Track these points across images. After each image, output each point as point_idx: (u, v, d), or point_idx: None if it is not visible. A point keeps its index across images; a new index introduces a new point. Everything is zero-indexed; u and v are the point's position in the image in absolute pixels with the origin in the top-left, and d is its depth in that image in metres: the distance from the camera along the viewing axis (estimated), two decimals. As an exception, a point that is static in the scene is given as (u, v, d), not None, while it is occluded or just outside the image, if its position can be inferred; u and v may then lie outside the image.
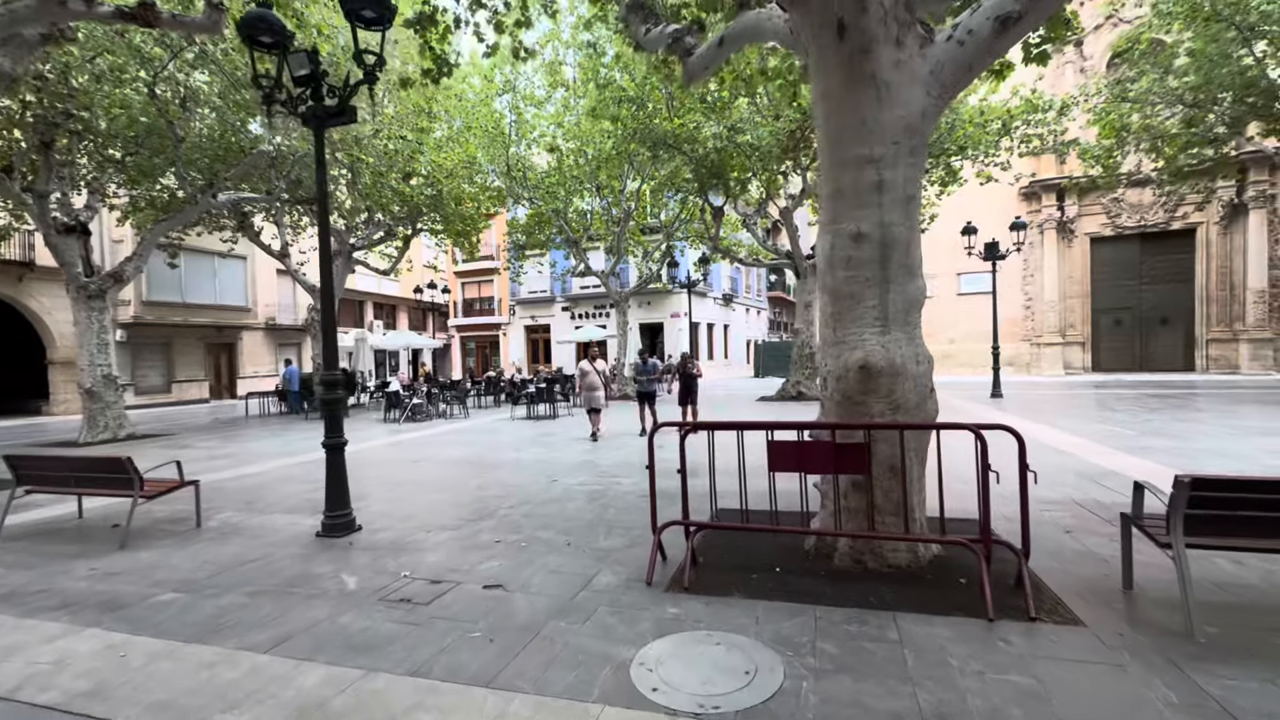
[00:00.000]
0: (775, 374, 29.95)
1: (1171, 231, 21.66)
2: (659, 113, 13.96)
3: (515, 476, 7.61)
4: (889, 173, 3.48)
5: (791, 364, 17.89)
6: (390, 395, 15.02)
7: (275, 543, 5.07)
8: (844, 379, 3.76)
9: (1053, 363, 22.58)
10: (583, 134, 17.09)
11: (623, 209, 19.27)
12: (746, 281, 37.70)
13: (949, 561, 4.00)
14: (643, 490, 6.59)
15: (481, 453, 9.66)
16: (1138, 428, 10.13)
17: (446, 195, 18.46)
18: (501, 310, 32.52)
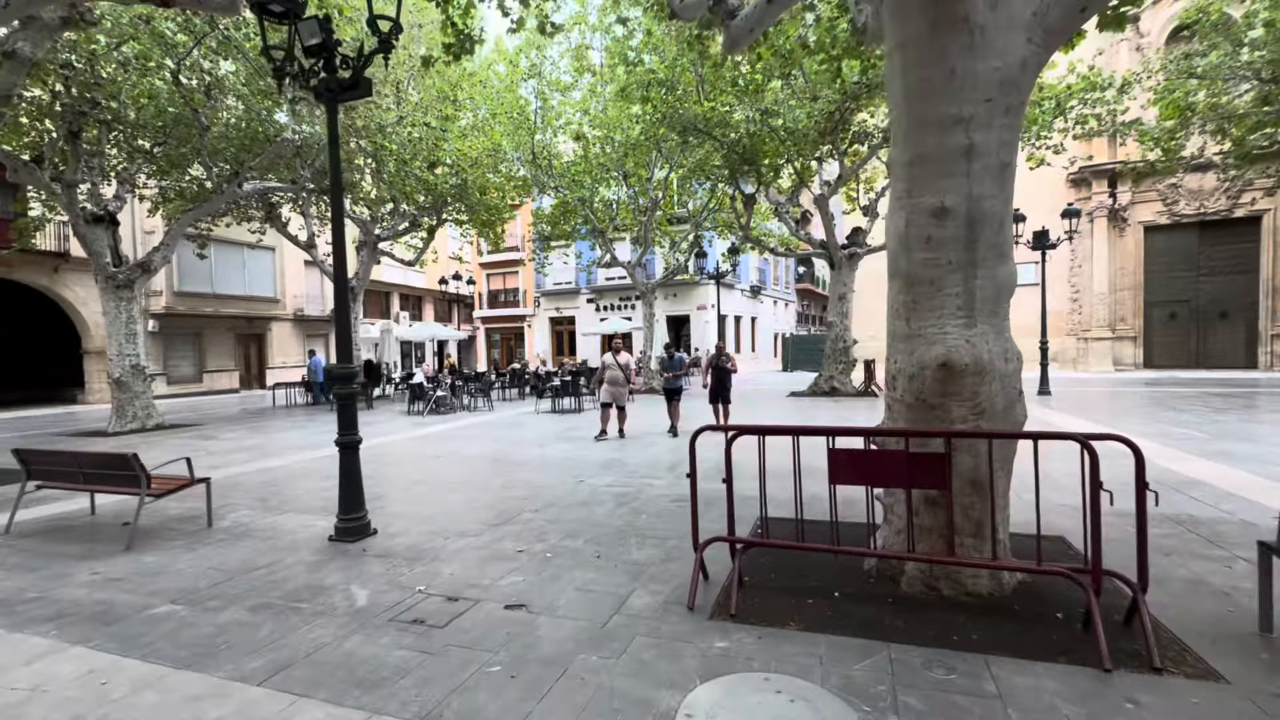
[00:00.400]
0: (805, 368, 29.20)
1: (1234, 219, 20.32)
2: (689, 96, 13.39)
3: (540, 475, 7.22)
4: (980, 135, 2.95)
5: (824, 358, 17.24)
6: (414, 387, 14.81)
7: (285, 547, 4.75)
8: (919, 379, 3.24)
9: (1101, 358, 21.46)
10: (610, 120, 16.60)
11: (650, 198, 18.76)
12: (775, 273, 36.88)
13: (1037, 590, 3.47)
14: (675, 494, 6.14)
15: (505, 448, 9.31)
16: (1208, 430, 9.34)
17: (471, 184, 18.17)
18: (526, 302, 32.30)
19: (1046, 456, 3.51)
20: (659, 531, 4.95)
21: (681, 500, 5.87)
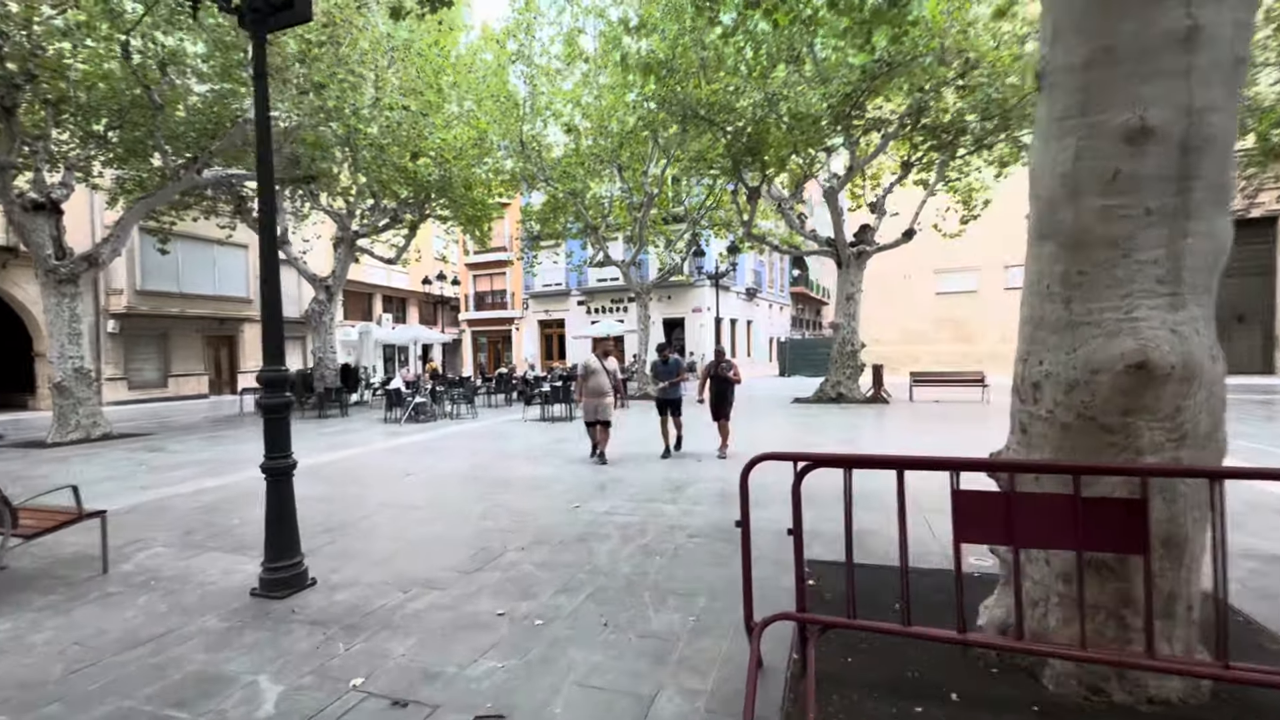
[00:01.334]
0: (802, 372, 28.30)
1: (1250, 220, 19.63)
2: (691, 78, 12.37)
3: (528, 499, 6.11)
4: (1209, 12, 1.92)
5: (830, 362, 16.25)
6: (391, 393, 13.63)
7: (192, 605, 3.62)
8: (1087, 387, 2.20)
9: (1112, 363, 20.70)
10: (604, 109, 15.56)
11: (645, 193, 17.72)
12: (770, 276, 36.01)
13: (1246, 698, 2.42)
14: (692, 525, 5.06)
15: (488, 463, 8.19)
16: (1271, 440, 8.43)
17: (456, 177, 17.07)
18: (514, 304, 31.13)
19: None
20: (681, 582, 3.86)
21: (701, 536, 4.80)
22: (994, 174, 15.11)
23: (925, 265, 23.44)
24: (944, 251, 21.13)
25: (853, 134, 13.21)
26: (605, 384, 7.92)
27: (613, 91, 15.28)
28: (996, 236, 20.31)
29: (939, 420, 11.83)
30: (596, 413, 7.93)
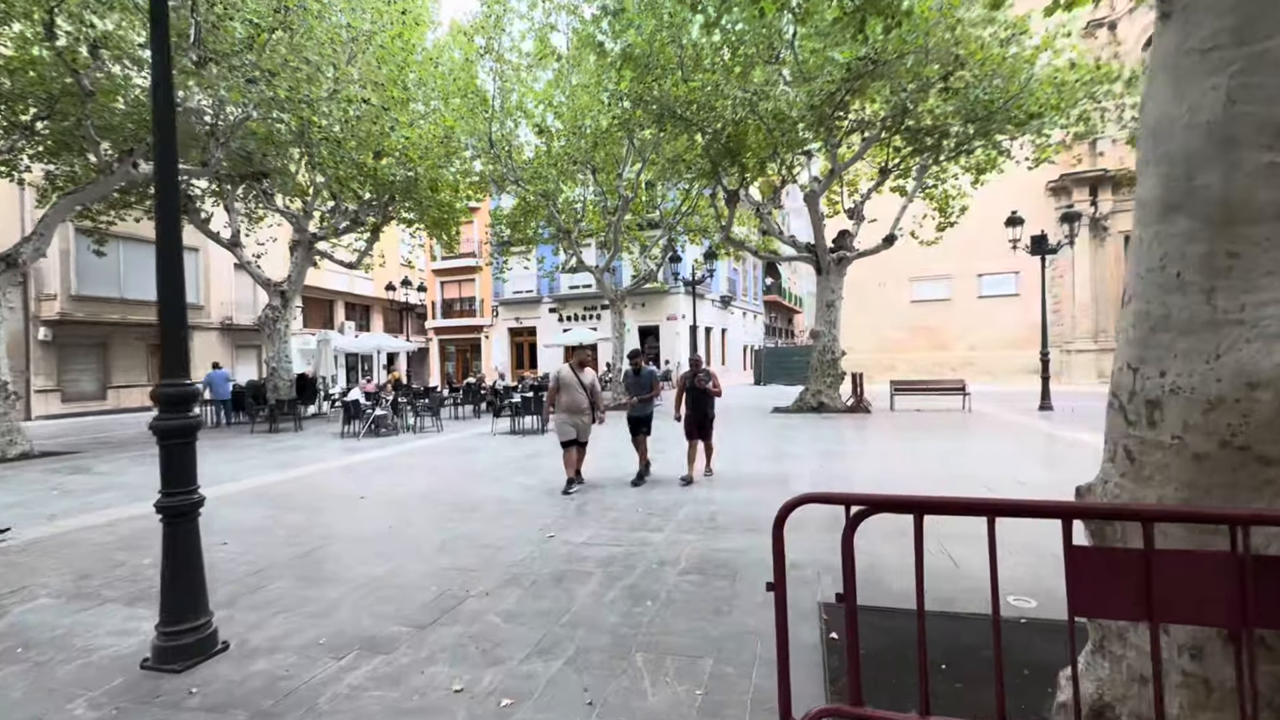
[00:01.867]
0: (778, 381, 28.01)
1: (1213, 230, 20.07)
2: (670, 75, 11.88)
3: (494, 527, 5.41)
4: None
5: (810, 370, 15.87)
6: (349, 405, 12.70)
7: (61, 686, 2.84)
8: (1244, 406, 1.66)
9: (1085, 370, 20.85)
10: (577, 108, 14.97)
11: (620, 197, 17.17)
12: (743, 284, 35.80)
13: None
14: (684, 561, 4.43)
15: (452, 484, 7.44)
16: None
17: (421, 178, 16.28)
18: (483, 311, 30.20)
19: None
20: (679, 637, 3.23)
21: (695, 572, 4.17)
22: (970, 181, 14.99)
23: (900, 273, 23.40)
24: (918, 259, 21.08)
25: (835, 135, 12.87)
26: (582, 400, 6.71)
27: (586, 90, 14.71)
28: (969, 245, 20.31)
29: (925, 430, 11.48)
30: (575, 432, 6.72)
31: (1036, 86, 10.76)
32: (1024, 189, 19.58)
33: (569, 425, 6.70)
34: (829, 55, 10.62)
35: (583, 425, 6.76)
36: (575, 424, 6.72)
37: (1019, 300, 22.61)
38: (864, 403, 15.07)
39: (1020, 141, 13.02)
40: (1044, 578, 3.84)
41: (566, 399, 6.71)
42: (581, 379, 6.76)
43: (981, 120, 11.21)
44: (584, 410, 6.75)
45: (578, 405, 6.72)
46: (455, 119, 14.87)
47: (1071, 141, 13.23)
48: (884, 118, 11.96)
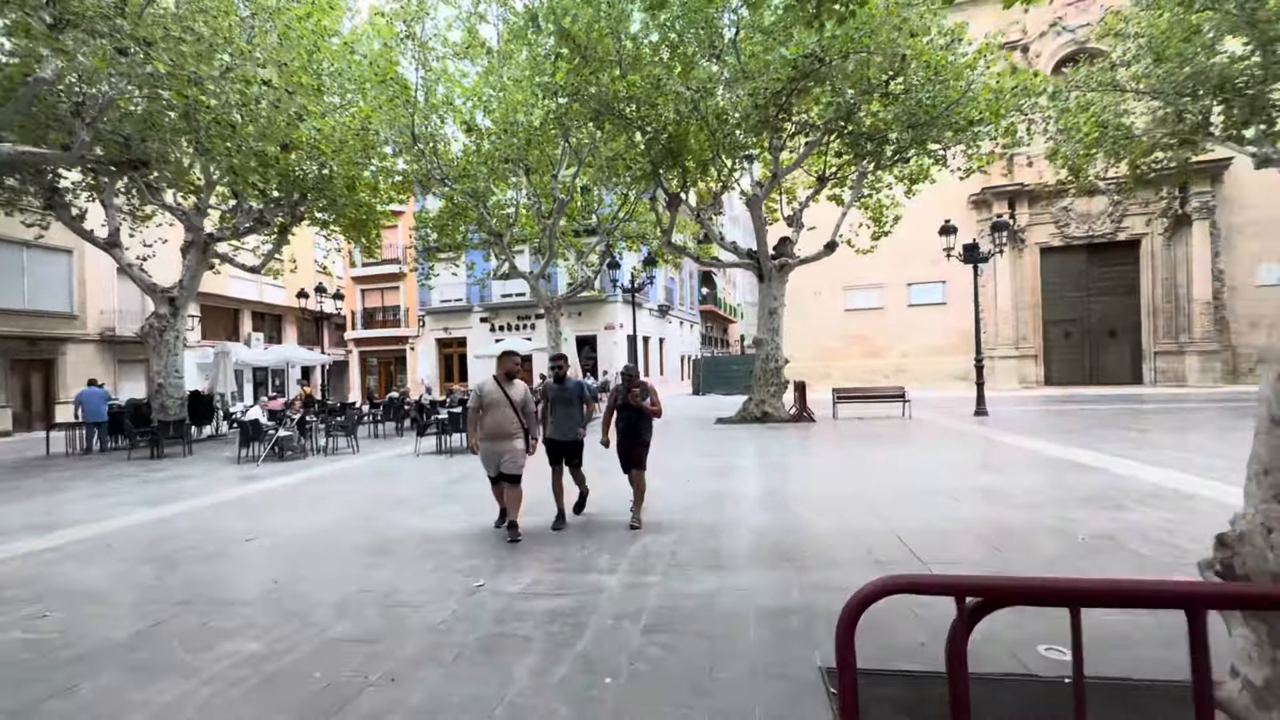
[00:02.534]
0: (717, 390, 27.77)
1: (1117, 243, 21.42)
2: (609, 68, 11.21)
3: (411, 575, 4.44)
4: None
5: (754, 380, 15.50)
6: (246, 426, 11.17)
7: None
8: None
9: (1008, 376, 21.67)
10: (509, 103, 14.05)
11: (555, 200, 16.33)
12: (680, 294, 35.60)
13: None
14: (650, 610, 3.65)
15: (363, 518, 6.35)
16: (1200, 450, 8.33)
17: (336, 175, 14.88)
18: (409, 321, 28.43)
19: None
20: (653, 737, 2.44)
21: (664, 629, 3.40)
22: (904, 191, 15.14)
23: (835, 282, 23.69)
24: (852, 269, 21.35)
25: (779, 138, 12.58)
26: (510, 421, 5.18)
27: (519, 86, 13.83)
28: (899, 254, 20.72)
29: (873, 440, 11.23)
30: (500, 464, 5.23)
31: (977, 93, 10.82)
32: (949, 201, 20.19)
33: (494, 454, 5.23)
34: (776, 52, 10.26)
35: (512, 454, 5.21)
36: (502, 452, 5.20)
37: (946, 309, 23.33)
38: (808, 412, 14.83)
39: (953, 151, 13.17)
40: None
41: (491, 420, 5.20)
42: (510, 394, 5.23)
43: (923, 126, 11.17)
44: (513, 434, 5.22)
45: (504, 428, 5.19)
46: (372, 109, 13.60)
47: (1000, 153, 13.52)
48: (827, 121, 11.76)
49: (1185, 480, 6.57)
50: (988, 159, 13.51)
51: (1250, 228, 20.00)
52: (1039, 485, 6.62)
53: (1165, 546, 4.40)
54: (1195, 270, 20.04)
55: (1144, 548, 4.42)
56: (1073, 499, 5.97)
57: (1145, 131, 14.81)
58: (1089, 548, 4.44)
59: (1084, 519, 5.22)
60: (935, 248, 20.10)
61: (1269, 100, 13.33)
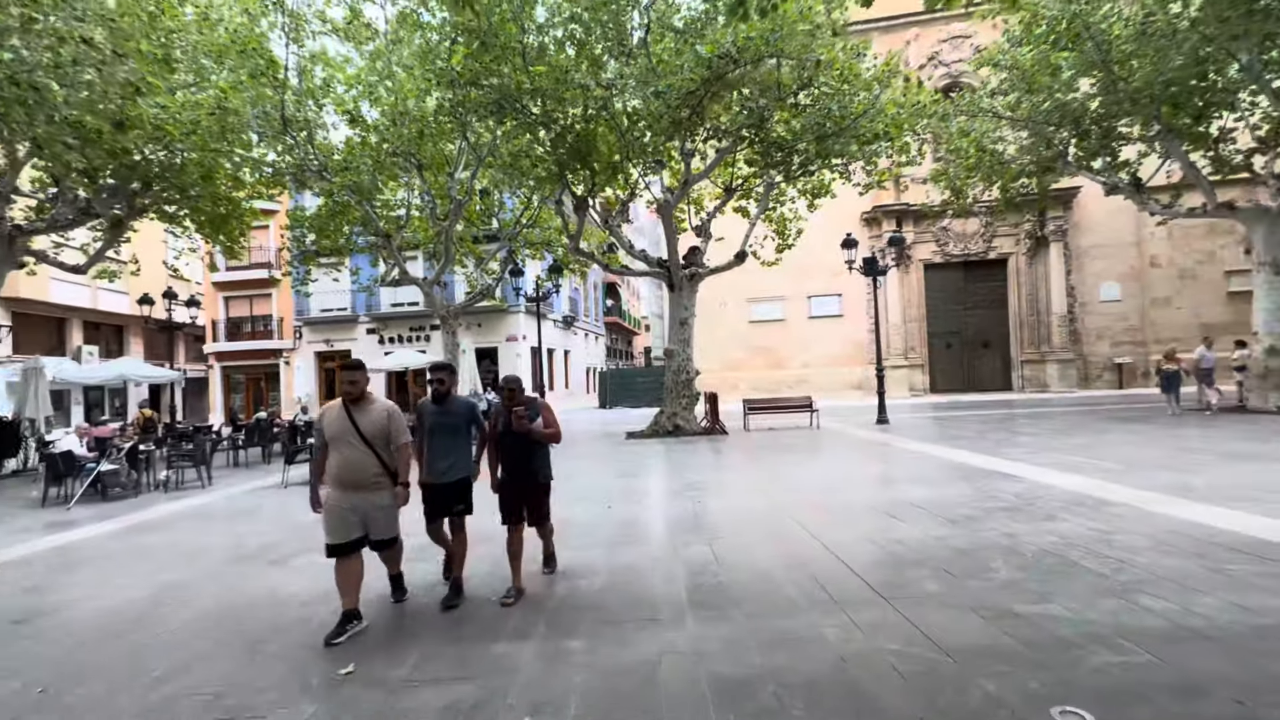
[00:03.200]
0: (623, 403, 27.23)
1: (989, 260, 23.31)
2: (511, 57, 10.32)
3: (249, 663, 3.33)
4: None
5: (665, 392, 15.05)
6: (57, 459, 9.03)
7: None
8: None
9: (898, 385, 22.80)
10: (398, 90, 12.74)
11: (452, 201, 15.08)
12: (585, 304, 34.84)
13: None
14: (574, 700, 2.83)
15: (197, 576, 5.00)
16: (1087, 452, 8.74)
17: (189, 162, 12.85)
18: (283, 333, 25.52)
19: None
20: None
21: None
22: (807, 204, 15.41)
23: (740, 294, 23.99)
24: (756, 281, 21.67)
25: (691, 141, 12.25)
26: (362, 463, 3.63)
27: (410, 74, 12.55)
28: (799, 267, 21.25)
29: (789, 452, 11.03)
30: (367, 526, 3.70)
31: (883, 106, 11.04)
32: (844, 217, 21.02)
33: (343, 512, 3.61)
34: (690, 51, 9.85)
35: (375, 512, 3.67)
36: (353, 509, 3.62)
37: (843, 320, 24.28)
38: (720, 424, 14.56)
39: (854, 167, 13.48)
40: (1078, 664, 2.87)
41: (336, 462, 3.61)
42: (359, 422, 3.62)
43: (830, 137, 11.23)
44: (369, 482, 3.62)
45: (355, 474, 3.60)
46: (231, 85, 11.79)
47: (895, 170, 14.03)
48: (738, 127, 11.56)
49: (1095, 485, 6.69)
50: (885, 175, 13.97)
51: (1095, 249, 22.47)
52: (966, 496, 6.49)
53: (1112, 561, 4.22)
54: (1053, 287, 22.18)
55: (1093, 563, 4.21)
56: (1002, 511, 5.83)
57: (1014, 159, 16.09)
58: (1044, 568, 4.16)
59: (1023, 533, 5.02)
60: (833, 262, 20.86)
61: (1116, 134, 14.87)
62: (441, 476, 4.09)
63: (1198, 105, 13.26)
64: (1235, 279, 21.48)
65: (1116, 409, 15.59)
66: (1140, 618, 3.30)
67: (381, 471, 3.70)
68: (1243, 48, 11.31)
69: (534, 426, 4.07)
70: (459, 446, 4.17)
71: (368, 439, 3.65)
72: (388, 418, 3.76)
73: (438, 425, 4.12)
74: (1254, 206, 13.59)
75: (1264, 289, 13.45)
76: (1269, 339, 13.25)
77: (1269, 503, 5.54)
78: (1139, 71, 12.63)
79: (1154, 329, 22.15)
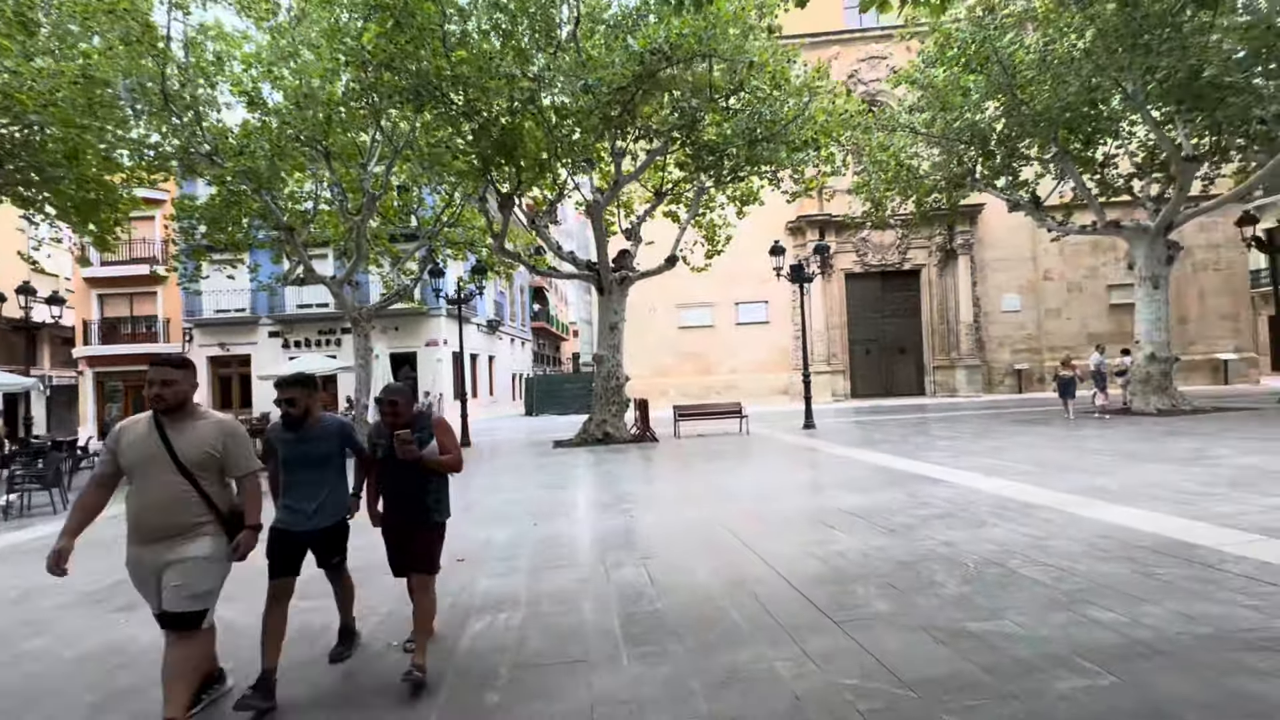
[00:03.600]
0: (550, 410, 26.52)
1: (904, 271, 24.42)
2: (430, 38, 9.61)
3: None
4: None
5: (594, 398, 14.61)
6: None
7: None
8: None
9: (821, 390, 23.34)
10: (302, 69, 11.66)
11: (365, 194, 14.01)
12: (511, 309, 33.81)
13: None
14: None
15: (11, 640, 4.07)
16: (1002, 455, 9.05)
17: (51, 139, 11.31)
18: (170, 335, 23.09)
19: None
20: None
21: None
22: (735, 211, 15.47)
23: (669, 300, 23.91)
24: (686, 287, 21.67)
25: (622, 139, 11.91)
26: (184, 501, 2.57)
27: (318, 53, 11.52)
28: (727, 274, 21.39)
29: (720, 459, 10.86)
30: (161, 594, 2.55)
31: (813, 113, 11.12)
32: (769, 226, 21.35)
33: (142, 576, 2.61)
34: (621, 46, 9.52)
35: (184, 571, 2.54)
36: (163, 565, 2.54)
37: (769, 327, 24.70)
38: (650, 431, 14.25)
39: (783, 174, 13.60)
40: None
41: (137, 503, 2.58)
42: (175, 443, 2.58)
43: (761, 142, 11.21)
44: (185, 526, 2.57)
45: (165, 517, 2.56)
46: (101, 51, 10.38)
47: (821, 179, 14.28)
48: (670, 128, 11.33)
49: (1017, 489, 6.82)
50: (813, 183, 14.19)
51: (997, 263, 24.02)
52: (899, 503, 6.43)
53: (1052, 569, 4.15)
54: (961, 297, 23.50)
55: (1034, 571, 4.13)
56: (935, 518, 5.78)
57: (928, 174, 16.86)
58: (988, 580, 4.03)
59: (960, 541, 4.94)
60: (759, 269, 21.16)
61: (1018, 154, 15.86)
62: (307, 522, 3.10)
63: (1088, 130, 14.32)
64: (1116, 292, 23.57)
65: (1019, 412, 16.56)
66: (1092, 632, 3.18)
67: (205, 512, 2.61)
68: (1128, 78, 12.25)
69: (426, 453, 3.06)
70: (328, 480, 3.20)
71: (187, 467, 2.57)
72: (221, 437, 2.67)
73: (295, 457, 3.12)
74: (1136, 225, 14.79)
75: (1144, 301, 14.65)
76: (1149, 346, 14.43)
77: (1176, 502, 5.78)
78: (1039, 96, 13.49)
79: (1048, 337, 23.90)
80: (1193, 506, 5.60)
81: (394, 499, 3.21)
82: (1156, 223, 14.47)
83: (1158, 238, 14.48)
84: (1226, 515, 5.24)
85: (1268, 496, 5.85)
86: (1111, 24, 11.52)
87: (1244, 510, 5.39)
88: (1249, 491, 6.10)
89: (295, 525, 3.11)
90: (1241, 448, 8.91)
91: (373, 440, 3.27)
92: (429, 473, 3.15)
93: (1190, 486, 6.48)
